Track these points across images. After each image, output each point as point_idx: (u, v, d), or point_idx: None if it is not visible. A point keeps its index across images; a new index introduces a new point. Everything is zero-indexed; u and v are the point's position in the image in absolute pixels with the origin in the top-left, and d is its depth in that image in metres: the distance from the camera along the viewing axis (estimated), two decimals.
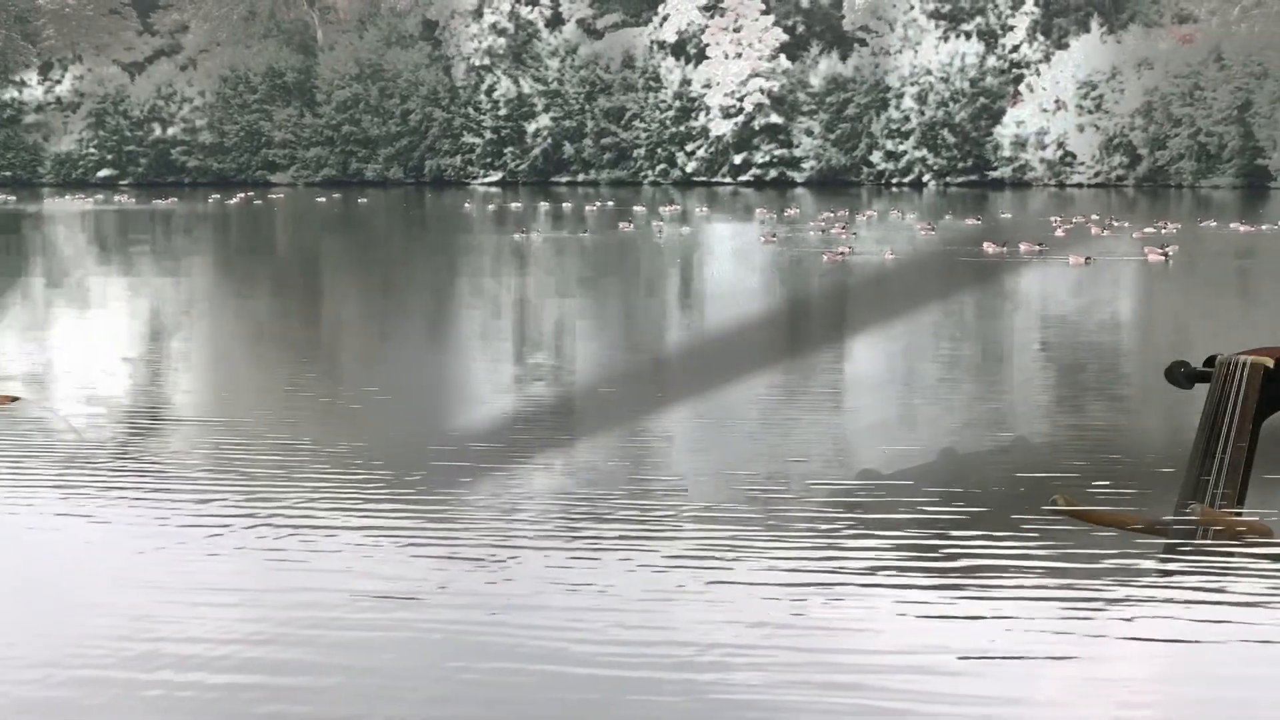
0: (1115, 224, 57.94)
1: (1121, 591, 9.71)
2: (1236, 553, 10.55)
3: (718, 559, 10.48)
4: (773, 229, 57.35)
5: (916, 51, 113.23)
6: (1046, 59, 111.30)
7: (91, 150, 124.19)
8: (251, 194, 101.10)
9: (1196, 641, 8.86)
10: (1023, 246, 44.75)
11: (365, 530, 11.36)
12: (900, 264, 40.82)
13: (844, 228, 57.59)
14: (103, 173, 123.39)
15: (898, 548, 10.71)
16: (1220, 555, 10.51)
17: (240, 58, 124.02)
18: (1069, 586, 9.80)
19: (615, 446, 14.82)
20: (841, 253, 44.33)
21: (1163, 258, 40.69)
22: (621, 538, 11.06)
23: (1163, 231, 52.70)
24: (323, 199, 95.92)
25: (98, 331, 26.90)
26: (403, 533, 11.27)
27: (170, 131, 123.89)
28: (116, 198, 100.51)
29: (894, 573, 10.13)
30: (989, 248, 44.79)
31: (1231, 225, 57.69)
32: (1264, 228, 56.81)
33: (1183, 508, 11.11)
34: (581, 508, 11.99)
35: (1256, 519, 11.05)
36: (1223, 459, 11.04)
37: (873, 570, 10.20)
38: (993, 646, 8.67)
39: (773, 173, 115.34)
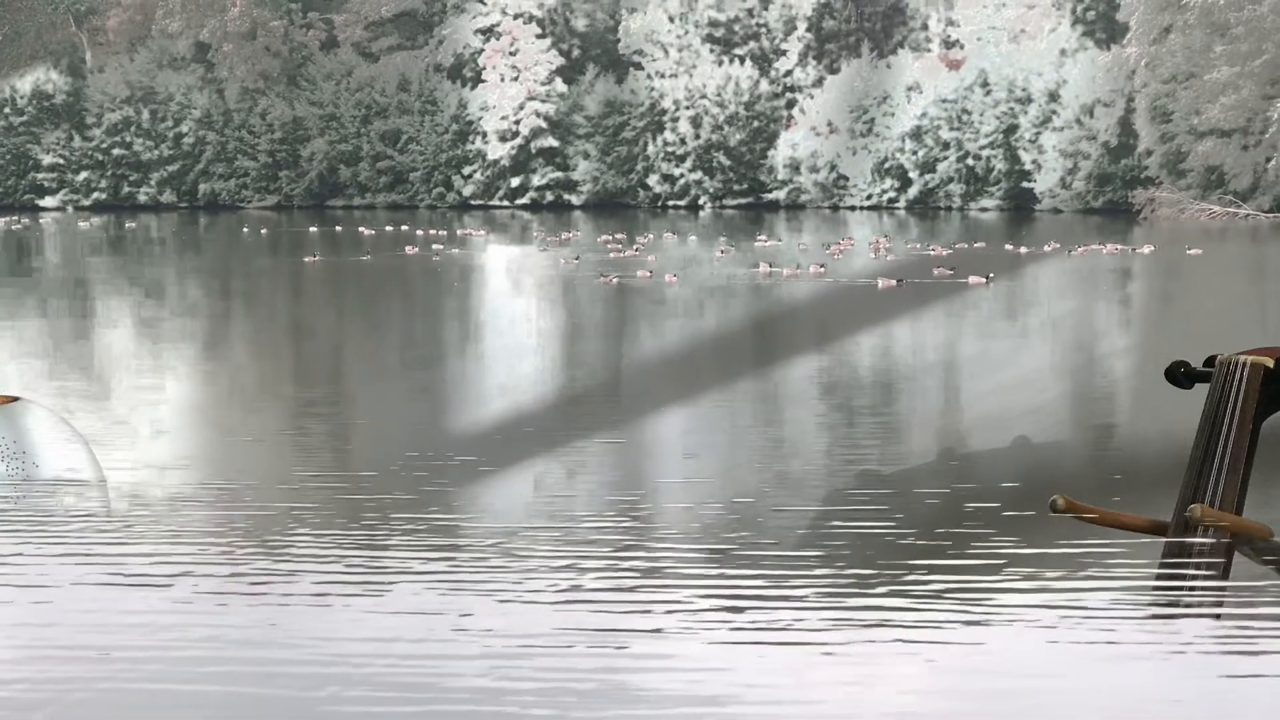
0: (888, 244, 59.05)
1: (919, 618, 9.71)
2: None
3: (507, 597, 10.27)
4: (576, 252, 57.37)
5: (691, 75, 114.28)
6: (819, 83, 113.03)
7: None
8: (16, 218, 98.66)
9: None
10: (812, 269, 45.26)
11: (109, 571, 10.92)
12: (690, 287, 41.03)
13: (638, 250, 57.96)
14: None
15: (693, 578, 10.61)
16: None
17: (5, 79, 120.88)
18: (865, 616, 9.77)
19: (399, 477, 14.52)
20: (624, 276, 44.54)
21: (984, 280, 40.90)
22: (400, 573, 10.79)
23: (932, 253, 53.65)
24: (86, 224, 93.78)
25: None
26: (153, 579, 10.85)
27: None
28: None
29: (687, 614, 10.00)
30: (784, 271, 45.21)
31: (1006, 246, 58.86)
32: (1046, 248, 58.04)
33: (1182, 509, 11.12)
34: (358, 539, 11.70)
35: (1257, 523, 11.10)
36: (1222, 460, 11.06)
37: (668, 611, 10.09)
38: (791, 682, 8.59)
39: (550, 196, 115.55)
